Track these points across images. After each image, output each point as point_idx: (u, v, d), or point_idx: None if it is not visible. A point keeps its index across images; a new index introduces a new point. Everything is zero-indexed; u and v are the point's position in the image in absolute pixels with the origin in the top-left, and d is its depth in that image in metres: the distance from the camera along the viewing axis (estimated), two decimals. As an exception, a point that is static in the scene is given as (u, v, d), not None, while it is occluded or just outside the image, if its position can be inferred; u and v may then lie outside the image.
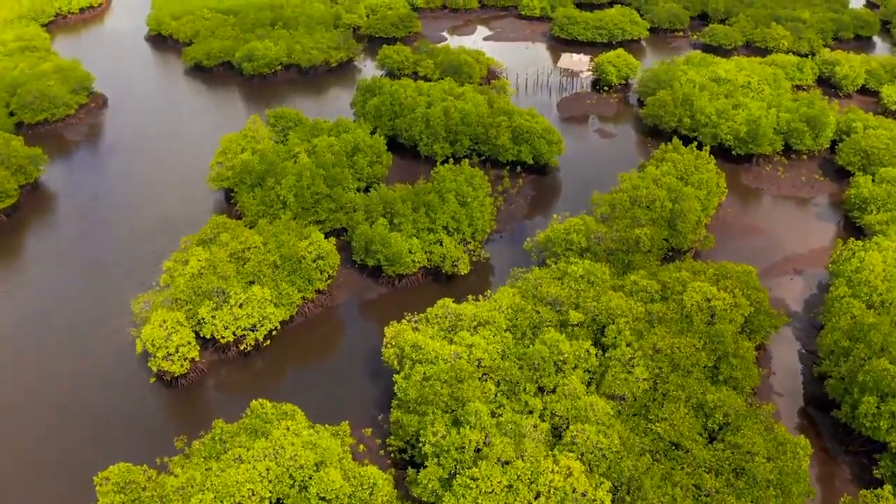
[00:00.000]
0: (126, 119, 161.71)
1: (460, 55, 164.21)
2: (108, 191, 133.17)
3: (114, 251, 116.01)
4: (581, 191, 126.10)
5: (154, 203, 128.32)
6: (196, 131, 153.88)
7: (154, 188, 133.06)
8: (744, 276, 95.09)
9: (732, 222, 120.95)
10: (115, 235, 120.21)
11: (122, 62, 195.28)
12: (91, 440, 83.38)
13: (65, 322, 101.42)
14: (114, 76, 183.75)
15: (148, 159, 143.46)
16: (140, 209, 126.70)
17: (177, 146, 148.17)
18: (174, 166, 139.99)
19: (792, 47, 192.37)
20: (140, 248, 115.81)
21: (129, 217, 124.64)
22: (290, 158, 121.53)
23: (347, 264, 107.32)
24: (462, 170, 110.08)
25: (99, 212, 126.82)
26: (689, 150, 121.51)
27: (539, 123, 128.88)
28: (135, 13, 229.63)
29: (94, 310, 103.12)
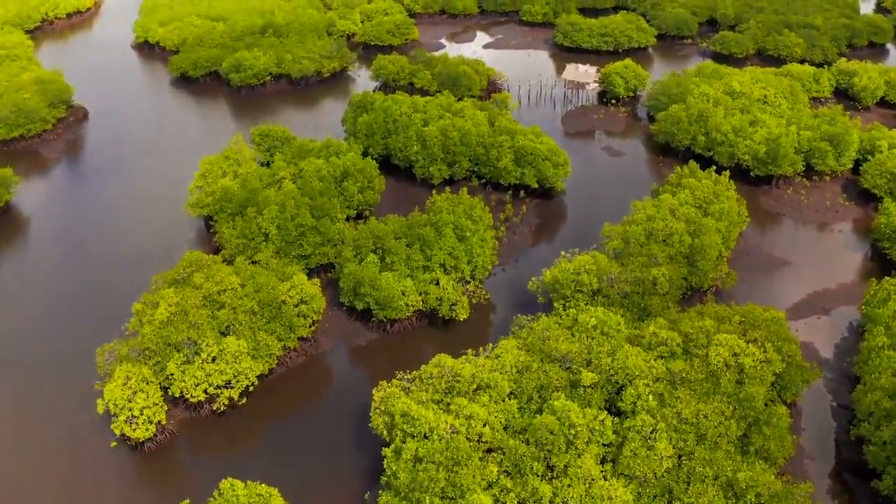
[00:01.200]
0: (106, 134, 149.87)
1: (459, 66, 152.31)
2: (82, 216, 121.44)
3: (84, 286, 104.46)
4: (589, 218, 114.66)
5: (130, 230, 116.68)
6: (179, 148, 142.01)
7: (131, 213, 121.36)
8: (773, 326, 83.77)
9: (753, 253, 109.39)
10: (86, 268, 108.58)
11: (107, 71, 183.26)
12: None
13: (22, 371, 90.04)
14: (96, 87, 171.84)
15: (126, 180, 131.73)
16: (114, 237, 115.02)
17: (158, 165, 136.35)
18: (154, 188, 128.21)
19: (805, 55, 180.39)
20: (112, 282, 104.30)
21: (103, 247, 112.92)
22: (274, 184, 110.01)
23: (335, 304, 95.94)
24: (460, 199, 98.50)
25: (70, 240, 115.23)
26: (708, 175, 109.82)
27: (544, 144, 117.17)
28: (124, 19, 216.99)
29: (57, 356, 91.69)
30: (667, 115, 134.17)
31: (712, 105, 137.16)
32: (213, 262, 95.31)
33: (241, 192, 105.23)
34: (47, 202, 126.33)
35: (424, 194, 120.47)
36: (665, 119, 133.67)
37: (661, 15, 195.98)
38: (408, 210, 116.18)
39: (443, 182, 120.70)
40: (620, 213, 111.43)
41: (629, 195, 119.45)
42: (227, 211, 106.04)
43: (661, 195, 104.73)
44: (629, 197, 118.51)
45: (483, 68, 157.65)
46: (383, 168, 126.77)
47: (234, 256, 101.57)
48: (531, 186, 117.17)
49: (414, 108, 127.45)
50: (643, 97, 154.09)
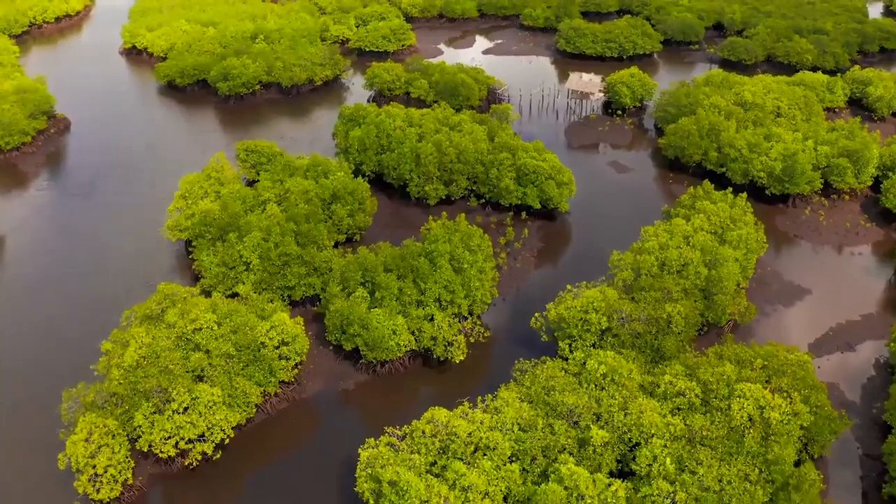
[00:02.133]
0: (88, 147, 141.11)
1: (457, 74, 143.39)
2: (56, 238, 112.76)
3: (56, 317, 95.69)
4: (596, 241, 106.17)
5: (108, 254, 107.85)
6: (163, 162, 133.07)
7: (110, 235, 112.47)
8: (799, 371, 75.29)
9: (772, 281, 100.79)
10: (60, 297, 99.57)
11: (92, 78, 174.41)
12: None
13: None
14: (80, 95, 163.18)
15: (106, 198, 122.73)
16: (91, 262, 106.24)
17: (140, 181, 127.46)
18: (135, 207, 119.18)
19: (816, 62, 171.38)
20: (86, 313, 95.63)
21: (78, 273, 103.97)
22: (258, 206, 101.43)
23: (320, 340, 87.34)
24: (457, 226, 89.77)
25: (41, 266, 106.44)
26: (724, 197, 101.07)
27: (547, 161, 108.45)
28: (114, 23, 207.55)
29: (24, 397, 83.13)
30: (676, 128, 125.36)
31: (724, 118, 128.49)
32: (188, 296, 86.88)
33: (221, 216, 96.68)
34: (22, 223, 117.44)
35: (419, 214, 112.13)
36: (674, 132, 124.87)
37: (667, 20, 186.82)
38: (402, 232, 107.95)
39: (439, 202, 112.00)
40: (629, 237, 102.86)
41: (638, 216, 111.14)
42: (206, 236, 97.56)
43: (674, 219, 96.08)
44: (638, 218, 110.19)
45: (482, 77, 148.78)
46: (377, 185, 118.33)
47: (214, 286, 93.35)
48: (534, 207, 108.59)
49: (409, 122, 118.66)
50: (650, 107, 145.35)
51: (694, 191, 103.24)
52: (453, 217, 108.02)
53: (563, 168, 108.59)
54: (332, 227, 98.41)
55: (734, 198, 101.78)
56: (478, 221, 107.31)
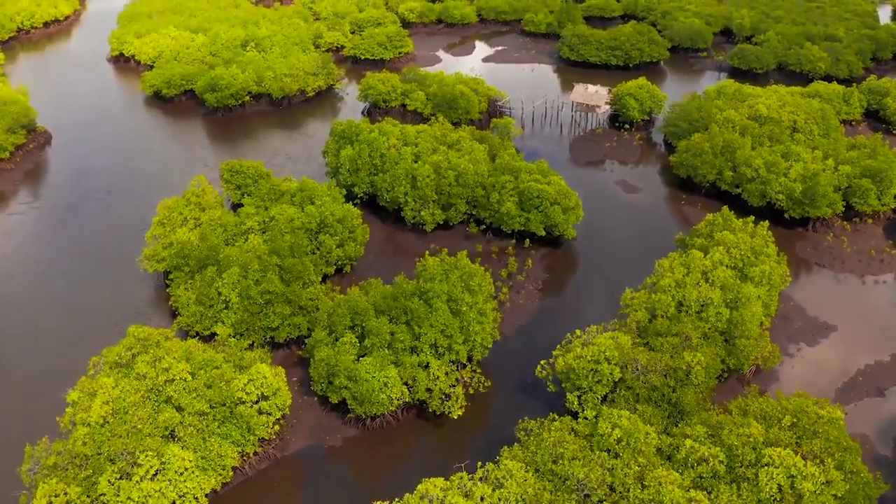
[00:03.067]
0: (67, 164, 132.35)
1: (456, 86, 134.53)
2: (27, 268, 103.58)
3: (20, 358, 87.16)
4: (605, 271, 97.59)
5: (81, 285, 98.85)
6: (146, 181, 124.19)
7: (85, 263, 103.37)
8: (833, 431, 66.89)
9: (794, 316, 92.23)
10: (25, 335, 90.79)
11: (77, 88, 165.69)
12: None
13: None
14: (64, 106, 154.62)
15: (84, 221, 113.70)
16: (62, 295, 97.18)
17: (121, 202, 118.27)
18: (113, 231, 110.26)
19: (830, 71, 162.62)
20: (54, 354, 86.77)
21: (47, 306, 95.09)
22: (241, 235, 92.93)
23: (306, 388, 78.78)
24: (456, 263, 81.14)
25: (8, 298, 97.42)
26: (744, 226, 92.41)
27: (552, 185, 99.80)
28: (103, 28, 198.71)
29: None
30: (688, 145, 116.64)
31: (738, 133, 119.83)
32: (161, 339, 78.35)
33: (199, 249, 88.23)
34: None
35: (415, 240, 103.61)
36: (686, 150, 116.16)
37: (674, 25, 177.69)
38: (396, 261, 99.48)
39: (437, 227, 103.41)
40: (640, 267, 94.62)
41: (649, 243, 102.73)
42: (184, 269, 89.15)
43: (691, 251, 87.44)
44: (649, 245, 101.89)
45: (483, 88, 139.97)
46: (369, 208, 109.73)
47: (191, 326, 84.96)
48: (538, 234, 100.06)
49: (404, 140, 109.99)
50: (658, 120, 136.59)
51: (711, 218, 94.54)
52: (452, 245, 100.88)
53: (570, 191, 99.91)
54: (319, 259, 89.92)
55: (755, 227, 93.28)
56: (478, 250, 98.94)
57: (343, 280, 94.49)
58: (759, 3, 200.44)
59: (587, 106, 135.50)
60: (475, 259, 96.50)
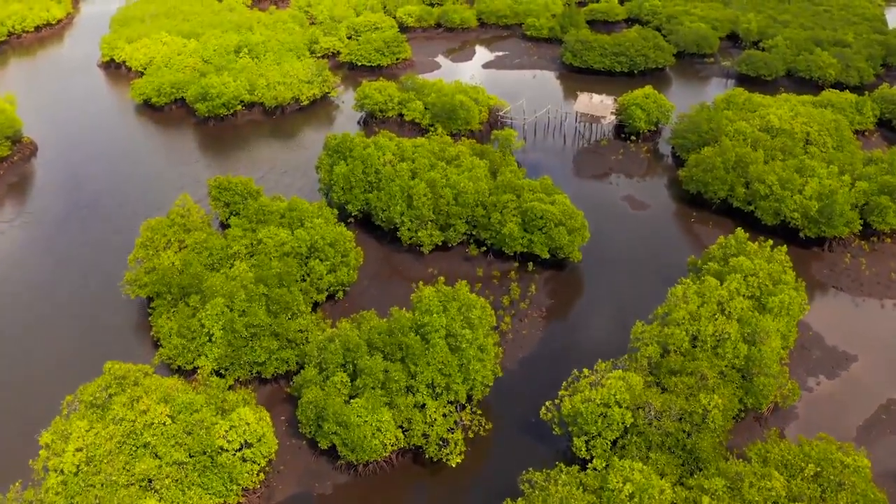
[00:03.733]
0: (53, 176, 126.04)
1: (455, 96, 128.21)
2: (4, 289, 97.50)
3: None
4: (612, 296, 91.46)
5: (61, 312, 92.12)
6: (133, 196, 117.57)
7: (66, 287, 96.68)
8: (860, 484, 60.89)
9: (812, 346, 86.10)
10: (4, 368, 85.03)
11: (66, 95, 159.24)
12: None
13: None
14: (51, 115, 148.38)
15: (67, 240, 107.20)
16: (40, 321, 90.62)
17: (107, 219, 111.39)
18: (97, 252, 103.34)
19: (840, 77, 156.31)
20: (27, 390, 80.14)
21: (25, 336, 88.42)
22: (227, 259, 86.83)
23: (294, 429, 72.60)
24: (455, 294, 75.06)
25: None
26: (762, 250, 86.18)
27: (557, 204, 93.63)
28: (95, 32, 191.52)
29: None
30: (699, 159, 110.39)
31: (750, 146, 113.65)
32: (141, 375, 72.43)
33: (182, 276, 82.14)
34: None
35: (412, 262, 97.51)
36: (696, 165, 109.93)
37: (680, 30, 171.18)
38: (392, 285, 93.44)
39: (435, 248, 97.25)
40: (649, 292, 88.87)
41: (659, 265, 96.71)
42: (166, 297, 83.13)
43: (706, 279, 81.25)
44: (659, 267, 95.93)
45: (483, 97, 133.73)
46: (364, 226, 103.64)
47: (173, 359, 78.97)
48: (542, 257, 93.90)
49: (400, 156, 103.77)
50: (665, 131, 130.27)
51: (725, 241, 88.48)
52: (451, 268, 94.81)
53: (575, 211, 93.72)
54: (309, 286, 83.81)
55: (772, 251, 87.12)
56: (478, 274, 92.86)
57: (335, 308, 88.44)
58: (765, 6, 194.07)
59: (592, 116, 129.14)
60: (475, 284, 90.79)
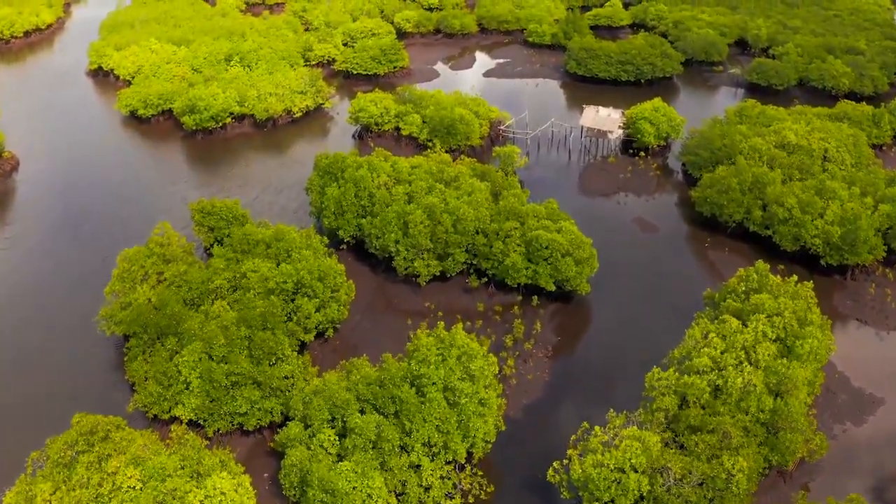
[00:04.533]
0: (33, 195, 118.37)
1: (454, 109, 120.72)
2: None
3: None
4: (622, 332, 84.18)
5: (32, 349, 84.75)
6: (117, 218, 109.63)
7: (40, 320, 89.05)
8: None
9: (838, 389, 78.92)
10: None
11: (52, 105, 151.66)
12: None
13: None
14: (35, 127, 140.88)
15: (42, 267, 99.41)
16: (9, 360, 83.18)
17: (86, 245, 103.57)
18: (75, 282, 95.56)
19: (854, 87, 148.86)
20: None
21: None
22: (207, 295, 79.66)
23: (278, 488, 65.50)
24: (454, 339, 67.85)
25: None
26: (786, 287, 78.77)
27: (564, 233, 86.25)
28: (86, 37, 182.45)
29: None
30: (712, 179, 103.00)
31: (766, 164, 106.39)
32: (113, 428, 65.55)
33: (159, 316, 74.98)
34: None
35: (408, 294, 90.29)
36: (711, 185, 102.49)
37: (687, 36, 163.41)
38: (386, 320, 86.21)
39: (433, 278, 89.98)
40: (663, 329, 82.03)
41: (672, 296, 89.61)
42: (142, 337, 76.03)
43: (727, 319, 73.92)
44: (672, 299, 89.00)
45: (483, 110, 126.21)
46: (357, 253, 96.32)
47: (149, 407, 71.94)
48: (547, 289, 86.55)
49: (396, 178, 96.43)
50: (675, 145, 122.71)
51: (745, 274, 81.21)
52: (449, 301, 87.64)
53: (583, 240, 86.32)
54: (296, 325, 76.65)
55: (795, 285, 79.81)
56: (479, 309, 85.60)
57: (324, 347, 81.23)
58: (774, 11, 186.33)
59: (598, 131, 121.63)
60: (476, 321, 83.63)
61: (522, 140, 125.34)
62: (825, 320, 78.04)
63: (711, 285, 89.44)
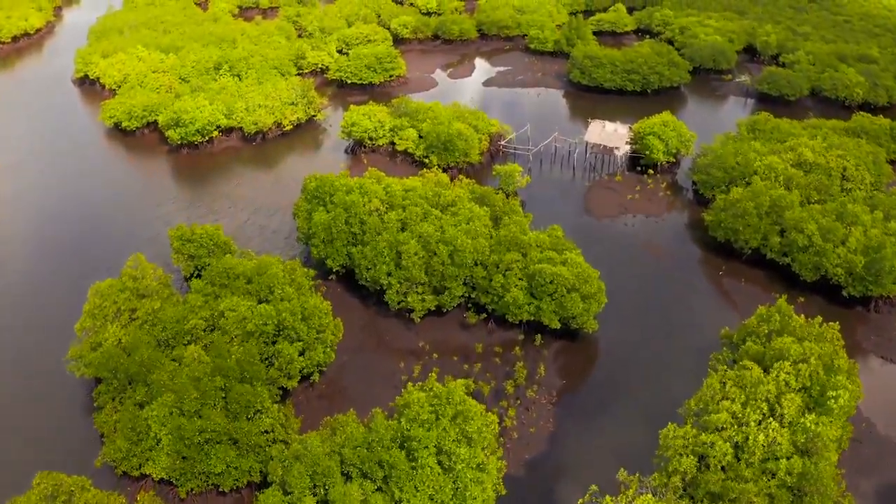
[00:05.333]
0: (6, 214, 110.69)
1: (452, 124, 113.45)
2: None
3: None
4: (632, 374, 76.97)
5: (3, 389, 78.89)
6: (96, 243, 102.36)
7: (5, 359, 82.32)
8: None
9: (865, 438, 71.95)
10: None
11: (34, 116, 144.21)
12: None
13: None
14: (17, 138, 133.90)
15: (10, 300, 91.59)
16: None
17: (60, 271, 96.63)
18: (45, 316, 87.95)
19: (867, 97, 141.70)
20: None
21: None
22: (182, 336, 72.69)
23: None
24: (450, 395, 60.81)
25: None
26: (810, 326, 71.72)
27: (569, 265, 79.15)
28: (75, 43, 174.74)
29: None
30: (728, 202, 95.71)
31: (783, 185, 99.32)
32: (78, 489, 58.95)
33: (129, 362, 68.07)
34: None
35: (402, 331, 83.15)
36: (725, 209, 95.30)
37: (695, 44, 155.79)
38: (377, 360, 78.95)
39: (428, 312, 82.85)
40: (677, 372, 75.29)
41: (686, 332, 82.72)
42: (112, 383, 69.15)
43: (748, 367, 66.97)
44: (686, 336, 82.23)
45: (483, 124, 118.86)
46: (347, 283, 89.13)
47: (117, 463, 65.11)
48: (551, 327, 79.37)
49: (389, 202, 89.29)
50: (685, 161, 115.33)
51: (766, 314, 74.19)
52: (445, 339, 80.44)
53: (590, 273, 79.13)
54: (277, 371, 69.73)
55: (820, 326, 72.78)
56: (477, 351, 78.41)
57: (309, 392, 74.17)
58: (783, 16, 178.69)
59: (604, 148, 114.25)
60: (474, 364, 76.55)
61: (524, 156, 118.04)
62: (852, 365, 71.11)
63: (727, 320, 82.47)
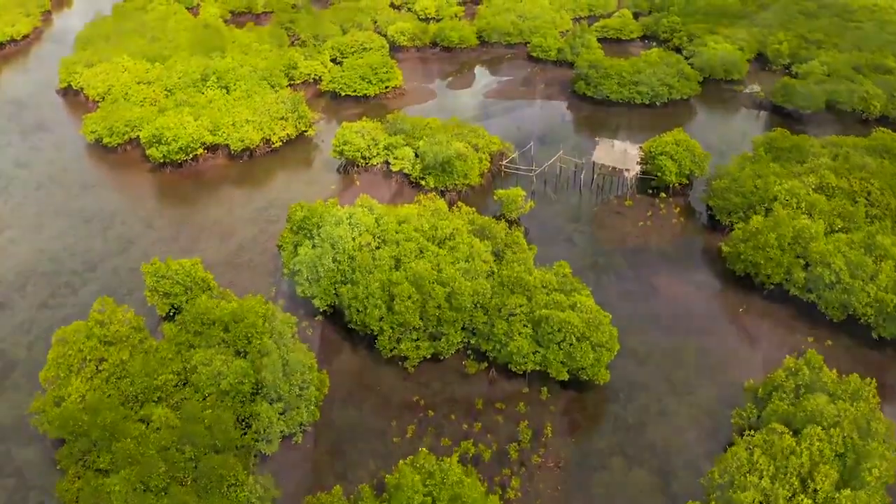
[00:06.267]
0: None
1: (451, 144, 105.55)
2: None
3: None
4: (649, 432, 68.94)
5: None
6: (65, 274, 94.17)
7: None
8: None
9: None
10: None
11: (13, 130, 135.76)
12: None
13: None
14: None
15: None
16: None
17: (32, 313, 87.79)
18: (7, 366, 79.73)
19: (885, 110, 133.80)
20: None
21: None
22: (152, 392, 65.19)
23: None
24: (445, 472, 53.40)
25: None
26: (845, 384, 64.24)
27: (579, 310, 71.49)
28: (63, 50, 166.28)
29: None
30: (748, 232, 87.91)
31: (805, 212, 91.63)
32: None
33: (93, 421, 60.67)
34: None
35: (394, 381, 75.07)
36: (745, 239, 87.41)
37: (704, 53, 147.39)
38: (366, 415, 70.95)
39: (424, 359, 75.07)
40: (697, 430, 68.01)
41: (706, 382, 74.75)
42: (75, 447, 61.75)
43: (773, 425, 59.52)
44: (706, 386, 74.37)
45: (484, 142, 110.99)
46: (335, 323, 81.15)
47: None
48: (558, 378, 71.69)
49: (382, 236, 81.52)
50: (699, 182, 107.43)
51: (795, 366, 66.64)
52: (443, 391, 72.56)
53: (601, 318, 71.42)
54: (255, 434, 62.25)
55: (853, 381, 65.24)
56: (477, 407, 70.57)
57: (292, 454, 66.30)
58: (794, 23, 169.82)
59: (613, 169, 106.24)
60: (474, 423, 68.81)
61: (527, 178, 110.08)
62: (890, 425, 63.59)
63: (750, 365, 75.21)
